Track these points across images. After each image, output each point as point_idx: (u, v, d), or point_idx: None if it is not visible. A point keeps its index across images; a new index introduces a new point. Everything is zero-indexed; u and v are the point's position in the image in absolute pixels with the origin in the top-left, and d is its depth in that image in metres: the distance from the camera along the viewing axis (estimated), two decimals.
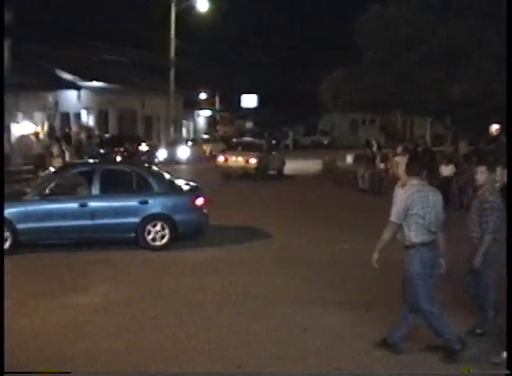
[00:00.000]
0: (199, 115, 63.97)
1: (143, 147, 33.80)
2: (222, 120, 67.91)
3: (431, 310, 7.30)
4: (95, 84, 39.41)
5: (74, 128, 36.43)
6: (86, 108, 40.66)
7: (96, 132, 38.03)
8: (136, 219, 13.23)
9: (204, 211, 14.08)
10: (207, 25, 47.95)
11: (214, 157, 34.18)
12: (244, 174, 29.34)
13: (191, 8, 44.00)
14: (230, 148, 32.63)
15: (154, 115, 50.00)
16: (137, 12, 47.76)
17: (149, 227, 13.24)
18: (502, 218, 7.82)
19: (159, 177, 14.30)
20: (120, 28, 43.16)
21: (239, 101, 70.22)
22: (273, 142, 43.26)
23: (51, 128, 35.87)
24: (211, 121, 66.52)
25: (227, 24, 54.43)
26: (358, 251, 11.60)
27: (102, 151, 31.32)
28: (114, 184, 13.63)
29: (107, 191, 13.45)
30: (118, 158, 30.38)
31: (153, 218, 13.35)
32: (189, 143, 43.79)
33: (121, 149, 31.13)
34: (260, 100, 70.40)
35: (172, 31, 42.60)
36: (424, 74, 25.93)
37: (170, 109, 43.62)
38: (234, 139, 37.58)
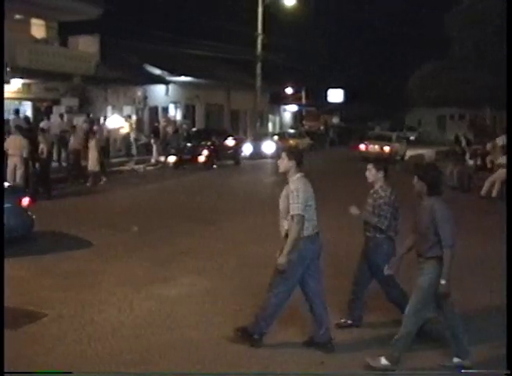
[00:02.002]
0: (285, 110, 63.88)
1: (229, 141, 33.88)
2: (308, 114, 67.59)
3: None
4: (182, 78, 39.81)
5: (162, 121, 36.86)
6: (174, 102, 41.12)
7: (185, 126, 38.41)
8: None
9: (29, 213, 12.81)
10: (294, 19, 47.86)
11: (355, 145, 40.56)
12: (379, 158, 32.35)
13: (278, 2, 44.00)
14: (368, 138, 40.43)
15: (241, 109, 50.20)
16: (225, 7, 48.05)
17: None
18: (396, 214, 7.83)
19: None
20: (207, 23, 43.45)
21: (326, 96, 69.84)
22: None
23: (139, 121, 36.46)
24: (297, 116, 66.35)
25: (314, 18, 54.23)
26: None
27: (188, 145, 31.58)
28: None
29: None
30: (205, 152, 30.64)
31: None
32: (275, 138, 43.73)
33: (208, 143, 31.27)
34: (346, 95, 69.89)
35: (259, 26, 42.67)
36: None
37: (256, 103, 43.74)
38: (370, 132, 47.77)
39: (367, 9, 62.18)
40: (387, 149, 37.70)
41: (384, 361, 6.87)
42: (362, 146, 38.75)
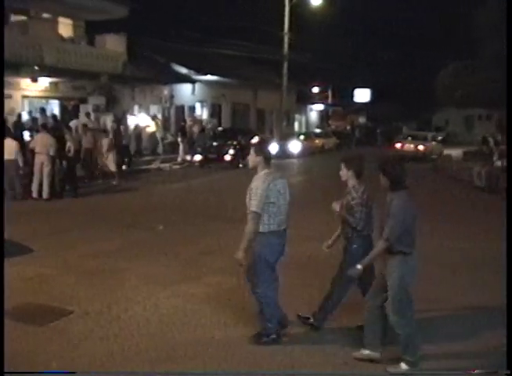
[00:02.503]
0: (311, 109, 63.78)
1: (255, 141, 33.88)
2: (335, 114, 67.41)
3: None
4: (209, 77, 39.86)
5: (188, 120, 36.94)
6: (200, 101, 41.20)
7: (209, 126, 38.43)
8: None
9: None
10: (321, 18, 47.76)
11: (392, 144, 42.00)
12: (414, 157, 36.15)
13: (305, 1, 43.91)
14: (404, 138, 42.41)
15: (267, 109, 50.18)
16: (251, 7, 48.01)
17: None
18: (370, 213, 7.76)
19: None
20: (234, 22, 43.45)
21: (352, 95, 69.63)
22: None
23: (165, 120, 36.58)
24: (324, 115, 66.20)
25: (340, 17, 54.04)
26: (469, 250, 11.38)
27: (214, 144, 31.61)
28: None
29: None
30: (231, 151, 30.65)
31: None
32: (301, 137, 43.66)
33: (234, 142, 31.28)
34: (373, 95, 69.62)
35: (286, 25, 42.60)
36: None
37: (283, 103, 43.69)
38: (406, 131, 49.53)
39: (394, 8, 61.93)
40: (421, 148, 39.55)
41: (403, 366, 6.81)
42: (398, 145, 40.47)
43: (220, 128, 38.33)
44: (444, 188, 25.06)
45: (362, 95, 69.93)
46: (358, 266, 6.86)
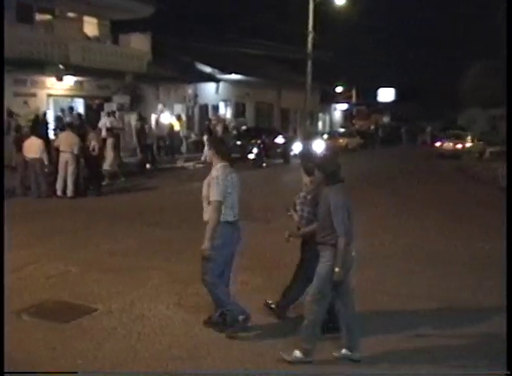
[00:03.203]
0: (335, 108, 63.66)
1: (279, 140, 33.86)
2: (359, 113, 67.28)
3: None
4: (233, 76, 39.90)
5: (212, 119, 36.98)
6: (224, 100, 41.24)
7: (233, 124, 38.47)
8: None
9: None
10: (345, 17, 47.57)
11: (432, 142, 45.78)
12: (453, 155, 39.51)
13: (329, 0, 43.78)
14: (444, 136, 44.83)
15: (291, 108, 50.14)
16: (275, 6, 48.00)
17: None
18: (314, 213, 7.71)
19: None
20: (258, 22, 43.44)
21: (376, 95, 69.44)
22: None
23: (189, 119, 36.64)
24: (348, 115, 66.06)
25: (364, 17, 53.85)
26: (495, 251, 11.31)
27: (238, 143, 31.61)
28: None
29: None
30: (255, 150, 30.64)
31: None
32: (325, 137, 43.57)
33: (258, 141, 31.26)
34: (397, 94, 69.37)
35: (310, 24, 42.50)
36: None
37: (306, 102, 43.61)
38: (446, 131, 50.47)
39: (418, 8, 61.68)
40: (459, 146, 41.91)
41: (297, 354, 6.91)
42: (438, 143, 43.63)
43: (244, 127, 38.33)
44: (466, 188, 24.90)
45: (386, 94, 69.77)
46: (336, 269, 6.77)
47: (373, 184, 24.55)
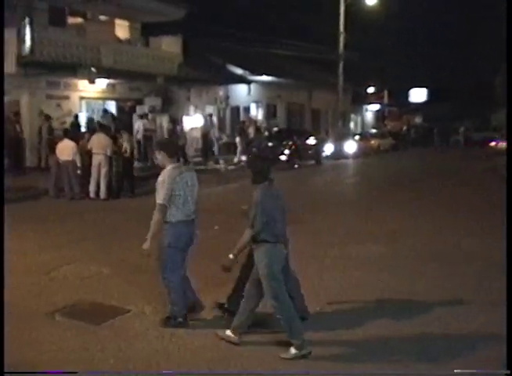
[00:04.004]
0: (367, 109, 63.44)
1: (311, 141, 33.79)
2: (391, 114, 66.97)
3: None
4: (264, 78, 39.88)
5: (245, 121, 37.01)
6: (255, 102, 41.24)
7: (264, 125, 38.45)
8: None
9: None
10: (376, 17, 47.36)
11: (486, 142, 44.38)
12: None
13: (360, 0, 43.64)
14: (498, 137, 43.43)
15: (322, 109, 50.04)
16: (306, 7, 47.90)
17: None
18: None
19: None
20: (289, 22, 43.39)
21: (408, 95, 69.08)
22: None
23: (221, 121, 36.70)
24: (379, 116, 65.79)
25: (396, 16, 53.53)
26: None
27: (270, 144, 31.59)
28: None
29: None
30: (286, 151, 30.60)
31: None
32: (356, 137, 43.38)
33: (289, 142, 31.20)
34: (430, 94, 68.93)
35: (341, 25, 42.42)
36: None
37: (338, 103, 43.51)
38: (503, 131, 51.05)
39: (450, 7, 61.22)
40: (503, 146, 41.02)
41: (293, 350, 7.02)
42: (493, 143, 42.64)
43: (275, 129, 38.28)
44: (498, 188, 24.60)
45: (418, 94, 69.38)
46: (231, 256, 7.26)
47: (400, 185, 24.30)
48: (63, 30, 29.32)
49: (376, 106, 63.66)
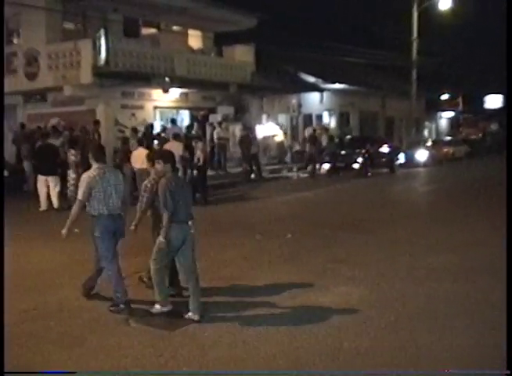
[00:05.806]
0: (441, 116, 62.63)
1: (384, 149, 33.48)
2: (466, 121, 65.91)
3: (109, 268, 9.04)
4: (337, 86, 39.76)
5: (317, 129, 36.89)
6: (328, 110, 41.12)
7: (337, 133, 38.33)
8: None
9: None
10: (450, 23, 46.70)
11: None
12: None
13: (433, 7, 43.14)
14: None
15: (396, 116, 49.56)
16: (378, 14, 47.63)
17: None
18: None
19: None
20: (361, 30, 43.18)
21: (483, 102, 67.92)
22: None
23: (293, 129, 36.72)
24: (454, 123, 64.85)
25: (470, 22, 52.70)
26: None
27: (343, 152, 31.47)
28: None
29: None
30: (359, 159, 30.42)
31: None
32: (430, 145, 42.67)
33: (362, 150, 30.98)
34: (506, 101, 67.58)
35: (414, 31, 42.02)
36: None
37: (412, 110, 43.07)
38: None
39: None
40: None
41: (157, 306, 8.70)
42: None
43: (348, 137, 38.06)
44: None
45: (494, 101, 68.07)
46: (160, 238, 8.45)
47: (472, 194, 23.63)
48: (137, 40, 29.84)
49: (450, 113, 62.80)
